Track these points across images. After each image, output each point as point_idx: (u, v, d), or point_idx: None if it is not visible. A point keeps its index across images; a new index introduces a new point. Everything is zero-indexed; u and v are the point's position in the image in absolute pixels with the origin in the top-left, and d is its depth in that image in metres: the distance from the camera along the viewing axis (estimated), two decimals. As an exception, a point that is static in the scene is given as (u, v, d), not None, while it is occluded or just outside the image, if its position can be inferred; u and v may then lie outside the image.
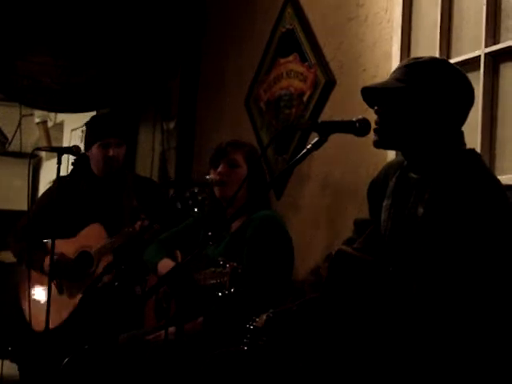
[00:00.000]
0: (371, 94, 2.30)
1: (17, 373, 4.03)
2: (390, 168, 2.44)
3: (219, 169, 3.36)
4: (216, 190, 3.37)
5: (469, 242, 2.07)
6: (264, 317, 2.49)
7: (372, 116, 2.29)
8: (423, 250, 2.14)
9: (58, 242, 3.55)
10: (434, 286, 2.08)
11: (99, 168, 3.99)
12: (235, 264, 2.72)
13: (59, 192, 3.71)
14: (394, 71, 2.30)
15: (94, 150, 3.95)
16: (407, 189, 2.29)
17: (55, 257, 3.56)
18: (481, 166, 2.23)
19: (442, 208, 2.14)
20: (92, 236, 3.88)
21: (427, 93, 2.21)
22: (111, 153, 3.91)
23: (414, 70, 2.24)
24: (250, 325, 2.52)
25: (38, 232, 3.91)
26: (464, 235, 2.07)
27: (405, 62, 2.31)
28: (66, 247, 3.87)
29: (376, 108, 2.28)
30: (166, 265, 3.33)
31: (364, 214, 2.62)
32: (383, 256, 2.24)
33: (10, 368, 4.25)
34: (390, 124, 2.25)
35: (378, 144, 2.31)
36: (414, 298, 2.10)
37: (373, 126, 2.27)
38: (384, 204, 2.36)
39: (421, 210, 2.20)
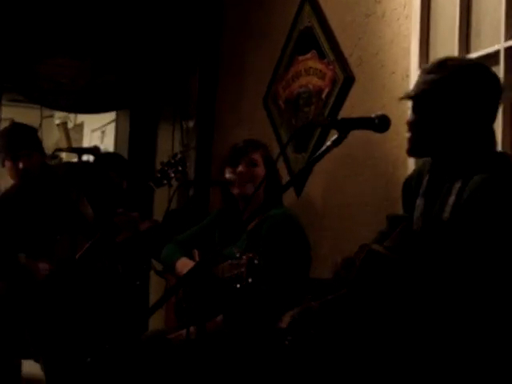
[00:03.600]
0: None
1: (40, 373, 4.06)
2: (424, 165, 2.43)
3: (239, 168, 3.38)
4: (235, 189, 3.39)
5: (496, 246, 2.05)
6: (288, 317, 2.48)
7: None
8: (450, 251, 2.13)
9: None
10: (461, 287, 2.07)
11: (16, 181, 4.11)
12: (251, 254, 2.72)
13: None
14: (421, 75, 2.31)
15: (7, 164, 4.06)
16: (437, 189, 2.29)
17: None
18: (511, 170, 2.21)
19: (468, 211, 2.13)
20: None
21: (458, 90, 2.21)
22: (21, 165, 3.99)
23: (444, 70, 2.24)
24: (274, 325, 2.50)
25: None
26: (490, 238, 2.06)
27: (431, 65, 2.31)
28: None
29: (408, 119, 2.29)
30: (184, 264, 3.35)
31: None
32: (414, 255, 2.23)
33: (33, 368, 4.28)
34: (423, 130, 2.26)
35: (412, 152, 2.33)
36: (443, 298, 2.09)
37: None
38: (417, 203, 2.36)
39: (447, 213, 2.19)
